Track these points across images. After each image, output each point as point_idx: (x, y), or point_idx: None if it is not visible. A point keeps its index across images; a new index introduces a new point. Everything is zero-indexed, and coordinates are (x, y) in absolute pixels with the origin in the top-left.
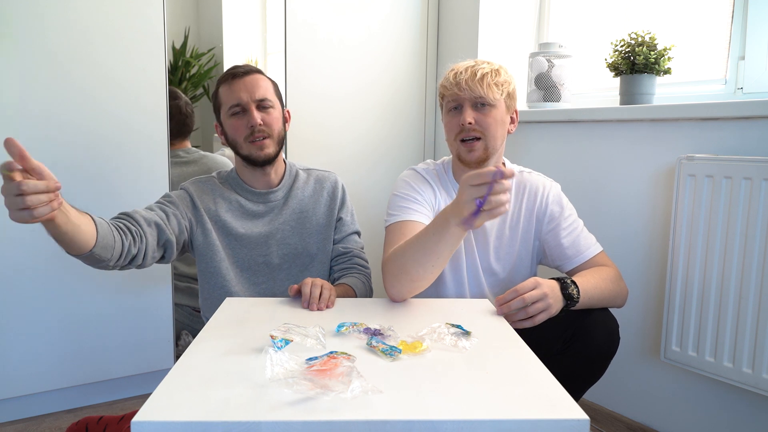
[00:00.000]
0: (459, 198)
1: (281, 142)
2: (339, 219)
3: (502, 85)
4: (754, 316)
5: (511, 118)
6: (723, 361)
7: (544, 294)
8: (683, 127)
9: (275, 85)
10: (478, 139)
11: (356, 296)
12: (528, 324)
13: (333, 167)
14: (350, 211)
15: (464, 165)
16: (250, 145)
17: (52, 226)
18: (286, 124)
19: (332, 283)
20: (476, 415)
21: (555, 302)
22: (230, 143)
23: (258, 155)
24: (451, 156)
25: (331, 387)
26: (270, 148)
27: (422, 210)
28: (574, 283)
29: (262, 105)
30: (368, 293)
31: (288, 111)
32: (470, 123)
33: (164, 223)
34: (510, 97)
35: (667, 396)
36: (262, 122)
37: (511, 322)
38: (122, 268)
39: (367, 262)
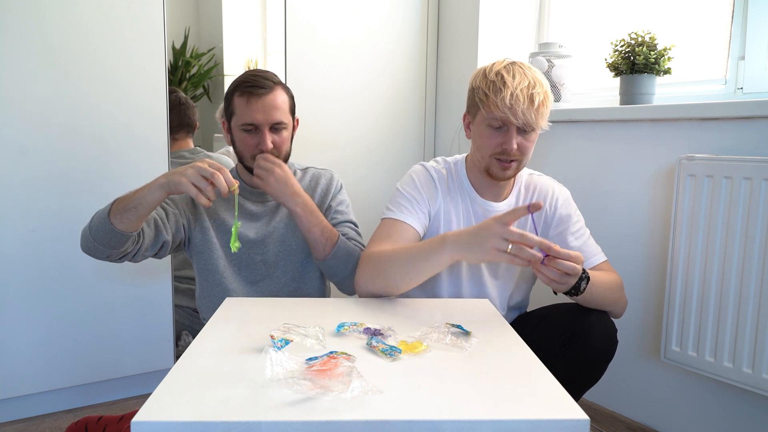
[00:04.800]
0: (485, 232)
1: (286, 159)
2: (328, 207)
3: (549, 107)
4: (754, 316)
5: None
6: (723, 361)
7: (578, 274)
8: (683, 127)
9: (291, 98)
10: (515, 160)
11: (335, 245)
12: (547, 283)
13: (333, 167)
14: (343, 202)
15: (491, 178)
16: (255, 161)
17: (157, 198)
18: (294, 131)
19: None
20: (476, 415)
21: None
22: (236, 152)
23: None
24: (464, 155)
25: (331, 387)
26: None
27: (418, 213)
28: (587, 278)
29: (275, 127)
30: (351, 261)
31: (297, 119)
32: (515, 148)
33: (163, 224)
34: None
35: (667, 396)
36: (272, 145)
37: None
38: (111, 261)
39: (363, 246)
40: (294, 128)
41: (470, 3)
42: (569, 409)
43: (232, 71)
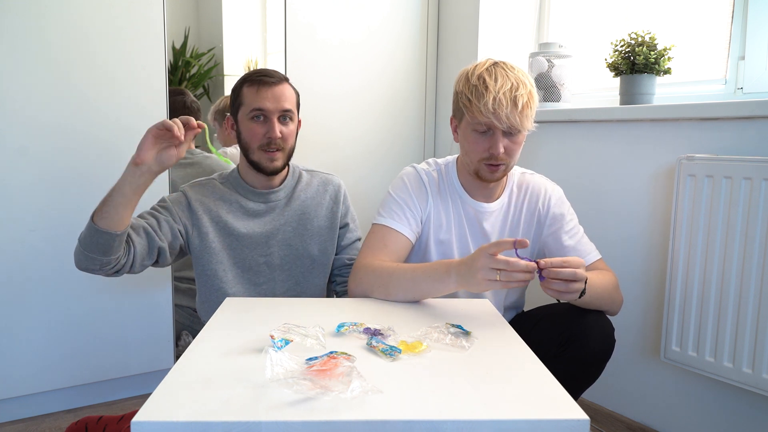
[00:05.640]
0: (474, 264)
1: (291, 156)
2: (345, 225)
3: (534, 108)
4: (754, 316)
5: None
6: (723, 361)
7: (585, 278)
8: (683, 127)
9: (298, 96)
10: (503, 164)
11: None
12: (555, 295)
13: (333, 167)
14: (354, 216)
15: (481, 181)
16: (261, 153)
17: (133, 178)
18: (297, 131)
19: (337, 294)
20: (476, 415)
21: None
22: (242, 145)
23: (267, 166)
24: (455, 156)
25: (331, 387)
26: (280, 161)
27: (410, 220)
28: (585, 279)
29: (284, 116)
30: None
31: (300, 120)
32: (502, 152)
33: (154, 231)
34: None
35: (667, 396)
36: (280, 135)
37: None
38: (108, 275)
39: None
40: (298, 128)
41: (470, 3)
42: (569, 409)
43: (232, 71)
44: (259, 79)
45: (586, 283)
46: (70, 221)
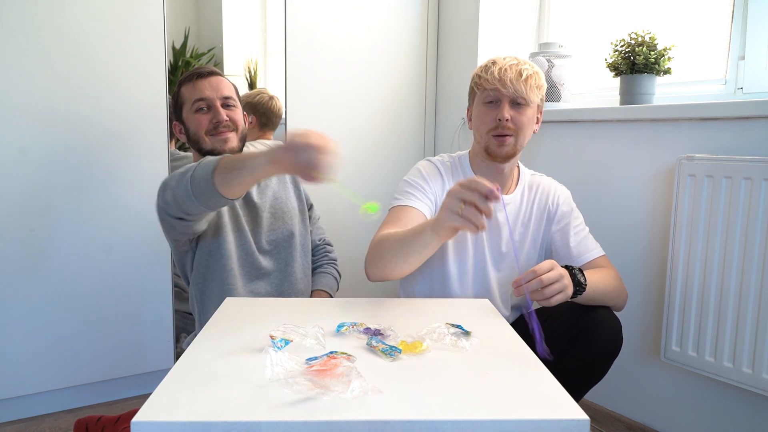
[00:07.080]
0: (443, 203)
1: (244, 139)
2: (311, 206)
3: (540, 89)
4: (754, 316)
5: (537, 117)
6: (723, 361)
7: (561, 275)
8: (683, 127)
9: (236, 88)
10: (510, 135)
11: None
12: (545, 304)
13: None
14: (316, 210)
15: (491, 158)
16: (213, 138)
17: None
18: (246, 127)
19: (313, 274)
20: (476, 415)
21: (569, 285)
22: (192, 139)
23: (222, 148)
24: (467, 150)
25: (331, 387)
26: (233, 142)
27: (424, 199)
28: (581, 271)
29: (226, 103)
30: (338, 280)
31: (246, 116)
32: (507, 120)
33: None
34: (542, 99)
35: (667, 396)
36: (227, 118)
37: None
38: (191, 218)
39: (330, 245)
40: (249, 123)
41: (470, 3)
42: (569, 409)
43: (232, 71)
44: (193, 74)
45: (581, 270)
46: (70, 221)
